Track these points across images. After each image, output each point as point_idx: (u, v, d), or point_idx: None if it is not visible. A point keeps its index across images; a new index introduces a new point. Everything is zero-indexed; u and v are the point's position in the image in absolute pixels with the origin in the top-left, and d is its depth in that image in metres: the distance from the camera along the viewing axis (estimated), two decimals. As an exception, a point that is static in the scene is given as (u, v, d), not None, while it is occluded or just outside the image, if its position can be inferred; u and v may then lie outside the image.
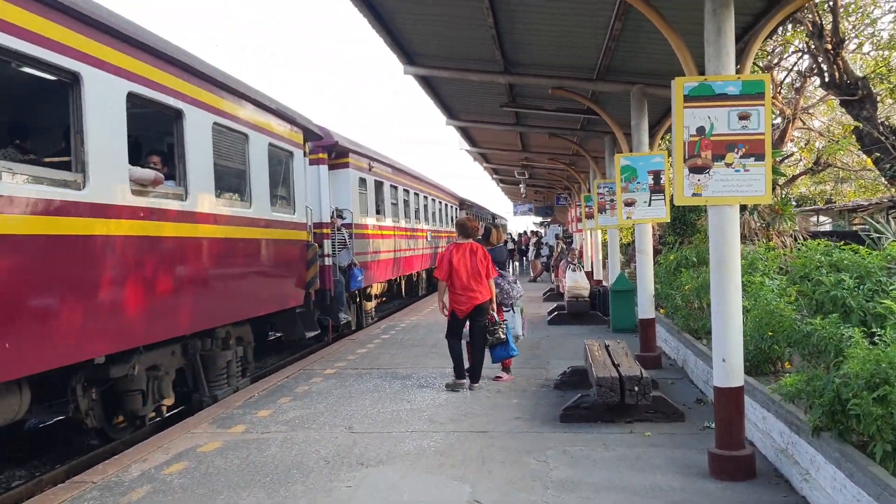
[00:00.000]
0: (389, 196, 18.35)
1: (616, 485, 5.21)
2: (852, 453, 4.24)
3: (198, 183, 8.10)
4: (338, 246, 13.45)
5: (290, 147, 11.04)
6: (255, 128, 9.68)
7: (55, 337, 5.87)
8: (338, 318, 13.16)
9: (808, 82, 19.04)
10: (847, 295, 5.92)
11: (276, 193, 10.45)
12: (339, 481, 5.44)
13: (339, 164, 14.34)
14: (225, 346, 8.93)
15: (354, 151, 15.05)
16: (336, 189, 14.16)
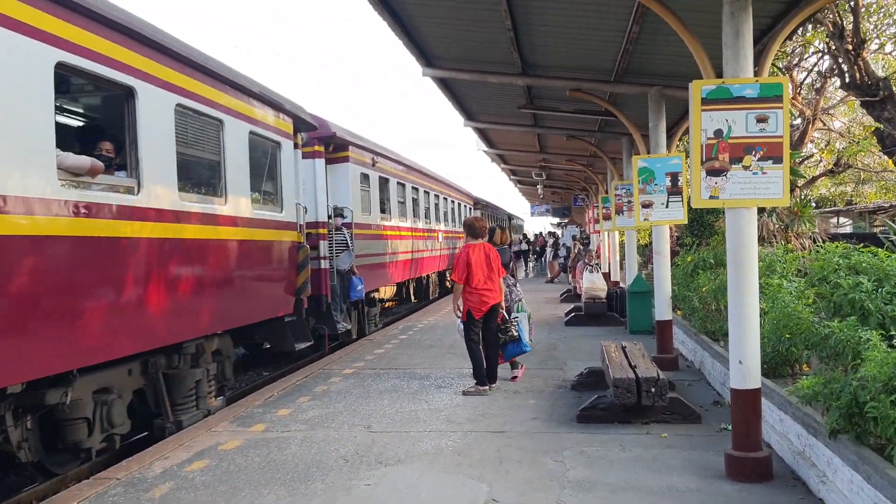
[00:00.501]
0: (396, 194, 17.27)
1: (633, 485, 5.24)
2: (870, 456, 4.25)
3: (154, 174, 6.92)
4: (337, 248, 12.51)
5: (278, 137, 9.91)
6: (232, 113, 8.54)
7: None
8: (335, 327, 12.07)
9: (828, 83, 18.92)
10: (865, 298, 5.90)
11: (259, 189, 9.41)
12: (359, 480, 5.52)
13: (337, 159, 13.25)
14: (194, 363, 7.92)
15: (355, 144, 13.90)
16: (335, 185, 13.08)
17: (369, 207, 14.77)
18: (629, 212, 12.08)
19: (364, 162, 14.47)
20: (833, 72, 17.18)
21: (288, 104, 10.33)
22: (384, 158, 16.16)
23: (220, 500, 5.17)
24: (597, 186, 21.69)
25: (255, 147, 9.23)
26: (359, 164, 14.07)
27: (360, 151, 14.25)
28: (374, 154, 15.25)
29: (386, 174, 16.28)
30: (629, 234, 14.76)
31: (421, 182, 20.23)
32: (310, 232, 11.28)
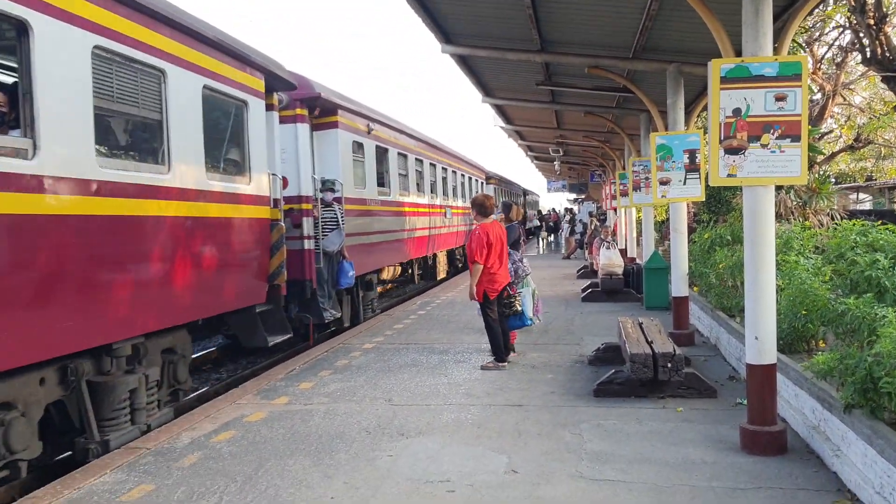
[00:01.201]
0: (397, 166, 15.60)
1: (649, 458, 5.36)
2: (883, 430, 4.33)
3: (59, 134, 5.57)
4: (326, 226, 11.15)
5: (244, 95, 8.46)
6: (177, 62, 7.11)
7: None
8: (321, 316, 10.81)
9: (849, 57, 18.75)
10: (882, 275, 5.96)
11: (217, 156, 8.02)
12: (381, 451, 5.67)
13: (324, 124, 11.70)
14: (129, 368, 6.60)
15: (345, 108, 12.19)
16: (322, 155, 11.68)
17: (364, 180, 13.16)
18: (646, 188, 12.09)
19: (357, 129, 12.83)
20: (854, 46, 17.02)
21: (257, 56, 8.79)
22: (382, 126, 14.52)
23: (248, 470, 5.34)
24: (614, 163, 21.68)
25: (213, 105, 7.89)
26: (350, 131, 12.47)
27: (352, 117, 12.63)
28: (370, 120, 13.59)
29: (384, 143, 14.61)
30: (646, 210, 14.77)
31: (426, 153, 18.63)
32: (291, 207, 10.37)
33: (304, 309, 10.71)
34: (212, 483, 5.12)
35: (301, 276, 10.47)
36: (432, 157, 19.27)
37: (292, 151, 10.61)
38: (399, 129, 15.96)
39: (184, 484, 5.12)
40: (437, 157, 19.93)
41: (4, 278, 5.08)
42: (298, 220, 10.55)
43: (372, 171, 13.63)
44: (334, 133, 11.86)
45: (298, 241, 10.53)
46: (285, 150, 10.33)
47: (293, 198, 10.51)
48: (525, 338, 10.27)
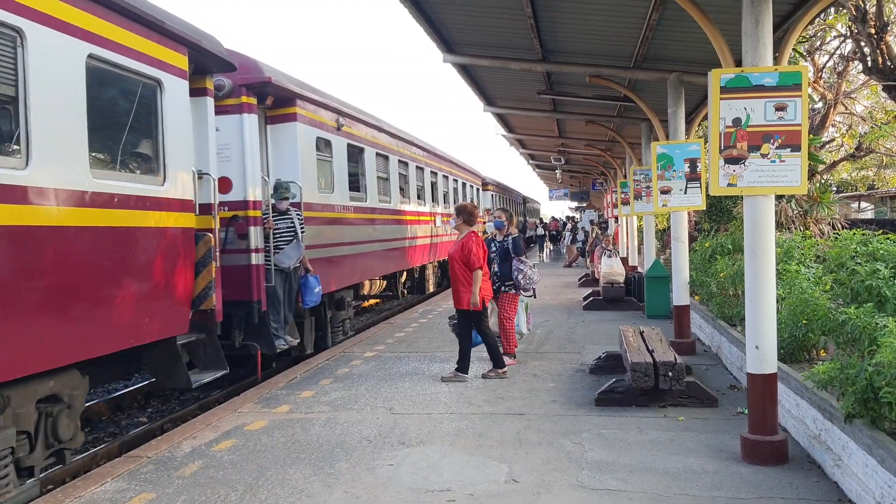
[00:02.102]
0: (376, 168, 13.78)
1: (650, 467, 5.35)
2: (884, 440, 4.33)
3: None
4: (280, 237, 9.39)
5: (156, 72, 6.70)
6: (44, 20, 5.38)
7: None
8: (272, 345, 9.11)
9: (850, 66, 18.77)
10: (882, 284, 5.96)
11: (112, 148, 6.37)
12: (382, 460, 5.67)
13: (280, 117, 10.02)
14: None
15: (306, 98, 10.36)
16: (277, 153, 10.01)
17: (331, 183, 11.39)
18: (647, 197, 12.10)
19: (322, 123, 11.03)
20: (855, 55, 17.05)
21: (176, 24, 7.02)
22: (356, 122, 12.72)
23: (248, 479, 5.34)
24: (615, 171, 21.71)
25: (104, 82, 6.21)
26: (313, 126, 10.65)
27: (316, 109, 10.80)
28: (340, 114, 11.75)
29: (359, 142, 12.83)
30: (647, 219, 14.79)
31: (413, 156, 16.91)
32: (235, 215, 8.87)
33: (252, 336, 9.06)
34: (212, 492, 5.12)
35: (247, 297, 8.86)
36: (420, 159, 17.62)
37: (237, 148, 8.97)
38: (378, 126, 14.15)
39: (184, 493, 5.13)
40: (426, 161, 18.36)
41: None
42: (244, 230, 8.92)
43: (342, 174, 11.85)
44: (292, 127, 10.07)
45: (244, 256, 8.90)
46: (228, 145, 8.88)
47: (238, 203, 8.91)
48: (527, 346, 10.28)
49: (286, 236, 9.38)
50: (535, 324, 12.48)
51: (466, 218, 8.56)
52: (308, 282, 9.70)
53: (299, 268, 9.63)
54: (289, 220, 9.44)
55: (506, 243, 9.33)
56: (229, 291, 8.31)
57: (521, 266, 9.24)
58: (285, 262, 9.30)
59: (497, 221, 9.60)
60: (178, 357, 7.18)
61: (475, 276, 8.28)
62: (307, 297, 9.70)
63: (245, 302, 8.88)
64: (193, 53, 7.38)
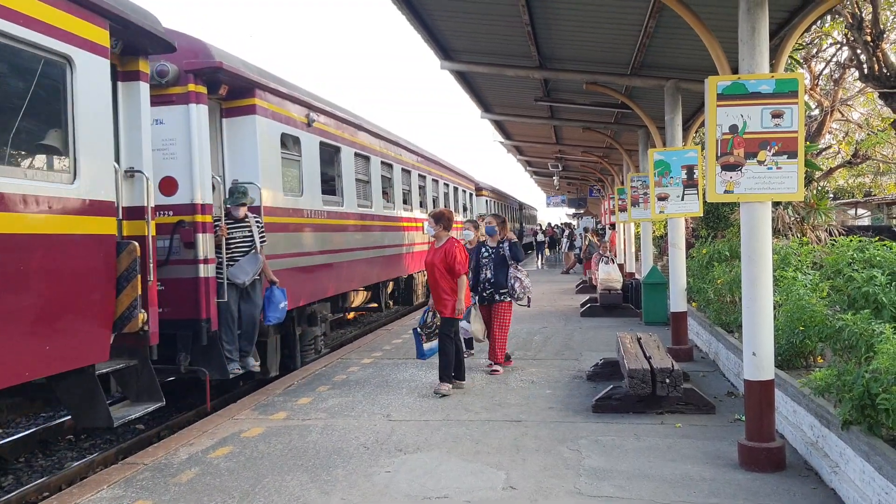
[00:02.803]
0: (355, 170, 12.54)
1: (647, 474, 5.35)
2: (881, 447, 4.33)
3: None
4: (236, 248, 8.28)
5: (63, 47, 5.57)
6: None
7: None
8: (223, 369, 8.01)
9: (846, 74, 18.85)
10: (879, 291, 5.98)
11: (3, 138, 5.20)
12: (379, 466, 5.66)
13: (237, 109, 8.87)
14: None
15: (268, 89, 9.24)
16: (234, 149, 8.84)
17: (299, 185, 10.20)
18: (645, 204, 12.13)
19: (289, 118, 9.87)
20: (852, 63, 17.11)
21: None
22: (331, 118, 11.49)
23: (245, 486, 5.33)
24: (612, 178, 21.74)
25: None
26: (277, 121, 9.50)
27: (281, 101, 9.65)
28: (311, 109, 10.61)
29: (334, 140, 11.61)
30: (645, 225, 14.81)
31: (398, 157, 15.69)
32: (181, 220, 7.86)
33: (201, 360, 7.92)
34: (209, 499, 5.10)
35: (195, 315, 7.82)
36: (407, 161, 16.44)
37: (184, 143, 7.93)
38: (358, 124, 12.89)
39: (181, 500, 5.11)
40: (414, 163, 17.19)
41: None
42: (191, 238, 7.87)
43: (314, 175, 10.65)
44: (250, 121, 8.88)
45: (191, 267, 7.87)
46: (174, 140, 7.92)
47: (184, 207, 7.90)
48: (524, 353, 10.29)
49: (243, 247, 8.27)
50: (533, 330, 12.50)
51: (446, 224, 8.37)
52: (273, 295, 8.53)
53: (260, 280, 8.46)
54: (246, 229, 8.32)
55: (501, 249, 9.20)
56: (174, 309, 7.65)
57: (518, 274, 9.15)
58: (240, 276, 8.16)
59: (488, 227, 9.41)
60: (96, 390, 6.10)
61: (460, 283, 8.14)
62: (270, 311, 8.52)
63: (192, 321, 7.85)
64: (119, 28, 6.28)
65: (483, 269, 9.12)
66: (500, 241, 9.28)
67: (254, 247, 8.32)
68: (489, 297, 9.09)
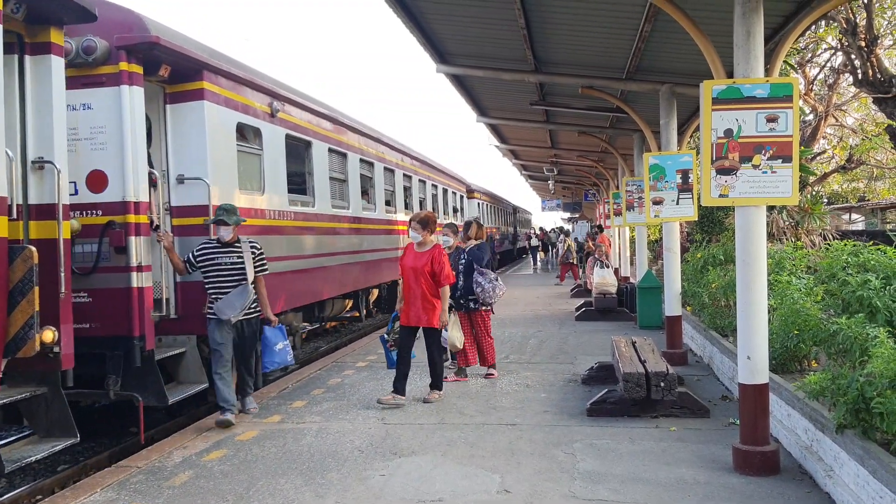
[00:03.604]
0: (328, 167, 11.42)
1: (642, 477, 5.35)
2: (876, 451, 4.33)
3: None
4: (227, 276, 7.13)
5: None
6: None
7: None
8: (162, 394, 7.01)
9: (841, 79, 18.92)
10: (873, 295, 5.99)
11: None
12: (373, 470, 5.64)
13: (183, 94, 7.81)
14: None
15: (221, 72, 8.19)
16: (179, 140, 7.79)
17: (260, 182, 9.13)
18: (640, 208, 12.15)
19: (247, 106, 8.81)
20: (846, 68, 17.18)
21: None
22: (301, 109, 10.49)
23: (239, 489, 5.31)
24: (608, 182, 21.78)
25: None
26: (232, 108, 8.43)
27: (236, 87, 8.57)
28: (275, 97, 9.52)
29: (305, 133, 10.55)
30: (640, 229, 14.84)
31: (380, 155, 14.58)
32: (111, 220, 6.91)
33: (134, 384, 6.94)
34: (203, 502, 5.09)
35: (126, 332, 6.85)
36: (390, 160, 15.34)
37: (115, 131, 6.96)
38: (333, 117, 11.83)
39: (175, 503, 5.09)
40: (399, 162, 16.17)
41: None
42: (122, 242, 6.91)
43: (278, 171, 9.60)
44: (198, 108, 7.83)
45: (123, 276, 6.90)
46: (103, 128, 6.97)
47: (114, 205, 6.95)
48: (519, 356, 10.29)
49: (232, 276, 7.12)
50: (528, 334, 12.50)
51: (433, 228, 7.96)
52: (267, 338, 7.49)
53: (254, 319, 7.37)
54: (235, 254, 7.18)
55: (465, 255, 8.86)
56: (103, 324, 6.81)
57: (479, 278, 8.64)
58: (227, 311, 7.02)
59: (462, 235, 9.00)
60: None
61: (444, 293, 7.82)
62: (267, 356, 7.47)
63: (123, 338, 6.85)
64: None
65: (459, 276, 8.78)
66: (469, 246, 8.96)
67: (244, 278, 7.14)
68: (465, 305, 8.80)
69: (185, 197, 7.78)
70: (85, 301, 6.78)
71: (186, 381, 7.72)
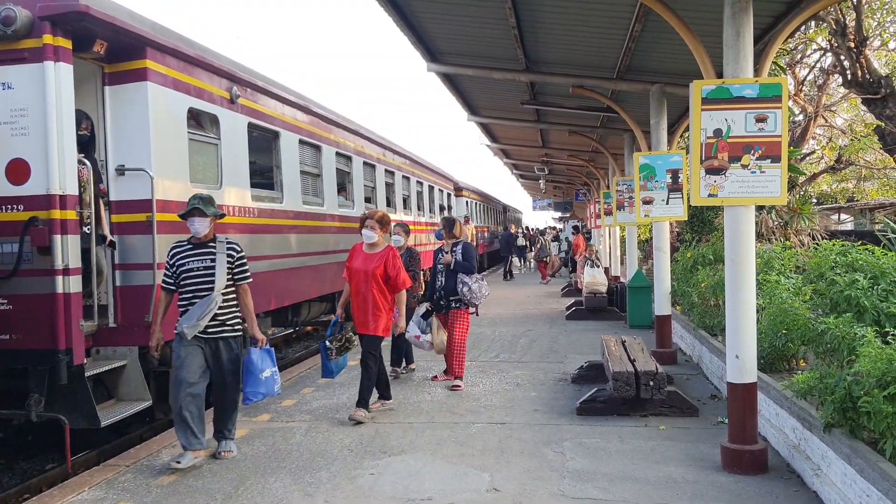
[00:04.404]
0: (299, 160, 10.53)
1: (630, 476, 5.36)
2: (863, 450, 4.36)
3: None
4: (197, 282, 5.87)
5: None
6: None
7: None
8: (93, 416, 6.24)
9: (830, 79, 19.00)
10: (861, 295, 6.02)
11: None
12: (363, 469, 5.64)
13: (123, 74, 6.92)
14: None
15: (167, 49, 7.30)
16: (119, 126, 6.93)
17: (217, 176, 8.28)
18: (630, 207, 12.19)
19: (201, 90, 7.93)
20: (835, 69, 17.25)
21: None
22: (267, 96, 9.54)
23: (228, 488, 5.29)
24: (598, 182, 21.81)
25: None
26: (182, 92, 7.55)
27: (187, 67, 7.69)
28: (235, 81, 8.63)
29: (271, 123, 9.63)
30: (630, 229, 14.87)
31: (359, 149, 13.61)
32: (34, 217, 6.10)
33: (59, 403, 6.16)
34: (191, 501, 5.07)
35: (50, 345, 6.05)
36: (370, 154, 14.36)
37: (38, 114, 6.13)
38: (305, 107, 10.84)
39: (163, 502, 5.08)
40: (381, 157, 15.22)
41: None
42: (46, 241, 6.06)
43: (239, 163, 8.69)
44: (140, 89, 6.94)
45: (47, 280, 6.06)
46: (25, 110, 6.16)
47: (39, 199, 6.13)
48: (509, 355, 10.30)
49: (207, 284, 5.79)
50: (518, 333, 12.52)
51: (388, 228, 7.44)
52: (252, 362, 5.98)
53: (232, 339, 5.95)
54: (209, 257, 5.85)
55: (453, 254, 8.37)
56: (25, 335, 6.09)
57: (465, 278, 8.27)
58: (182, 323, 5.74)
59: (438, 232, 8.53)
60: None
61: (400, 298, 7.25)
62: (249, 385, 5.98)
63: (47, 352, 6.05)
64: None
65: (439, 276, 8.41)
66: (453, 244, 8.50)
67: (212, 286, 5.78)
68: (446, 306, 8.37)
69: (125, 190, 6.92)
70: (5, 308, 6.08)
71: (127, 397, 6.82)
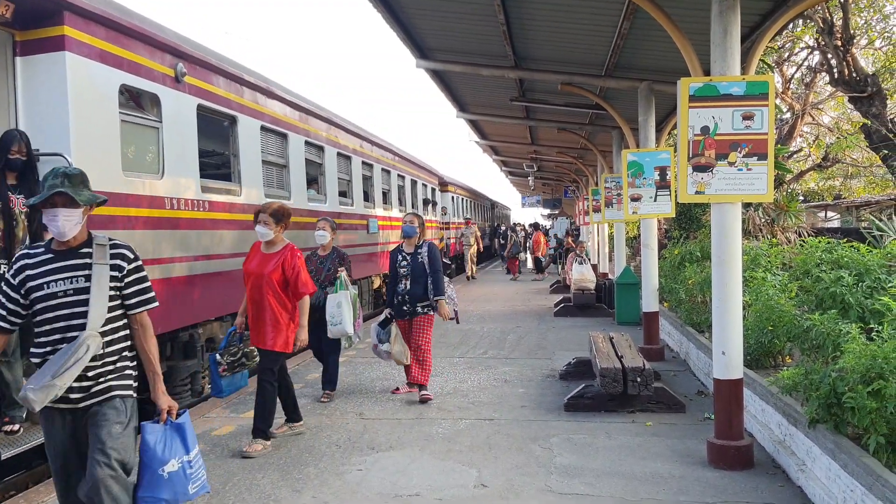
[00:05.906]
0: (261, 149, 9.50)
1: (617, 471, 5.39)
2: (847, 445, 4.39)
3: None
4: (59, 301, 3.51)
5: None
6: None
7: None
8: None
9: (817, 77, 19.11)
10: (846, 292, 6.07)
11: None
12: (351, 465, 5.64)
13: (37, 43, 5.97)
14: None
15: (91, 15, 6.33)
16: (33, 103, 5.96)
17: (158, 164, 7.33)
18: (618, 204, 12.23)
19: (137, 65, 6.95)
20: (822, 67, 17.36)
21: None
22: (220, 76, 8.55)
23: (216, 484, 5.28)
24: (587, 178, 21.85)
25: None
26: (111, 65, 6.60)
27: (119, 38, 6.72)
28: (181, 58, 7.68)
29: (227, 107, 8.67)
30: (618, 226, 14.92)
31: (333, 139, 12.66)
32: None
33: None
34: (178, 497, 5.05)
35: None
36: (345, 145, 13.37)
37: None
38: (268, 90, 9.83)
39: (150, 498, 5.05)
40: (357, 148, 14.20)
41: None
42: None
43: (186, 150, 7.74)
44: (58, 60, 5.97)
45: None
46: None
47: None
48: (498, 352, 10.31)
49: (71, 317, 3.54)
50: (507, 329, 12.54)
51: (286, 224, 6.28)
52: (147, 449, 3.66)
53: (109, 401, 3.60)
54: (82, 273, 3.56)
55: (420, 256, 7.67)
56: None
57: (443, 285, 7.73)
58: (29, 386, 3.42)
59: (407, 227, 7.72)
60: None
61: (302, 306, 6.22)
62: (146, 488, 3.62)
63: None
64: None
65: (401, 280, 7.67)
66: (417, 245, 7.77)
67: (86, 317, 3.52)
68: (410, 312, 7.67)
69: None
70: None
71: None
